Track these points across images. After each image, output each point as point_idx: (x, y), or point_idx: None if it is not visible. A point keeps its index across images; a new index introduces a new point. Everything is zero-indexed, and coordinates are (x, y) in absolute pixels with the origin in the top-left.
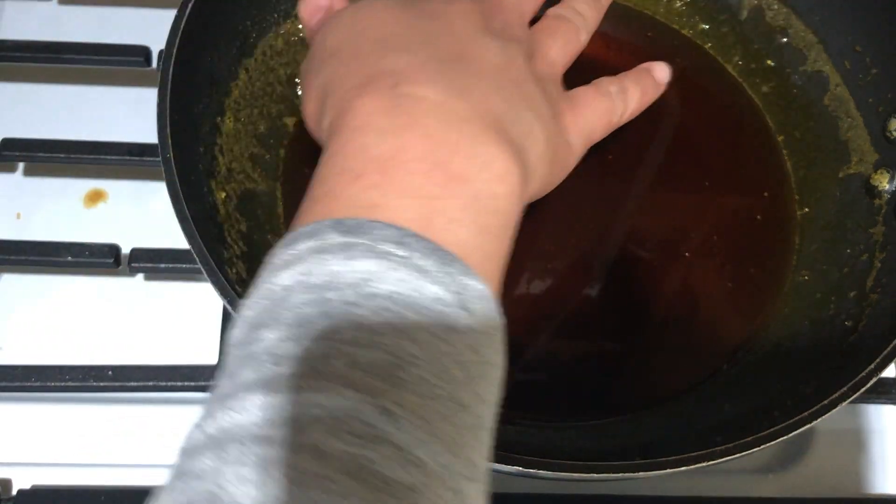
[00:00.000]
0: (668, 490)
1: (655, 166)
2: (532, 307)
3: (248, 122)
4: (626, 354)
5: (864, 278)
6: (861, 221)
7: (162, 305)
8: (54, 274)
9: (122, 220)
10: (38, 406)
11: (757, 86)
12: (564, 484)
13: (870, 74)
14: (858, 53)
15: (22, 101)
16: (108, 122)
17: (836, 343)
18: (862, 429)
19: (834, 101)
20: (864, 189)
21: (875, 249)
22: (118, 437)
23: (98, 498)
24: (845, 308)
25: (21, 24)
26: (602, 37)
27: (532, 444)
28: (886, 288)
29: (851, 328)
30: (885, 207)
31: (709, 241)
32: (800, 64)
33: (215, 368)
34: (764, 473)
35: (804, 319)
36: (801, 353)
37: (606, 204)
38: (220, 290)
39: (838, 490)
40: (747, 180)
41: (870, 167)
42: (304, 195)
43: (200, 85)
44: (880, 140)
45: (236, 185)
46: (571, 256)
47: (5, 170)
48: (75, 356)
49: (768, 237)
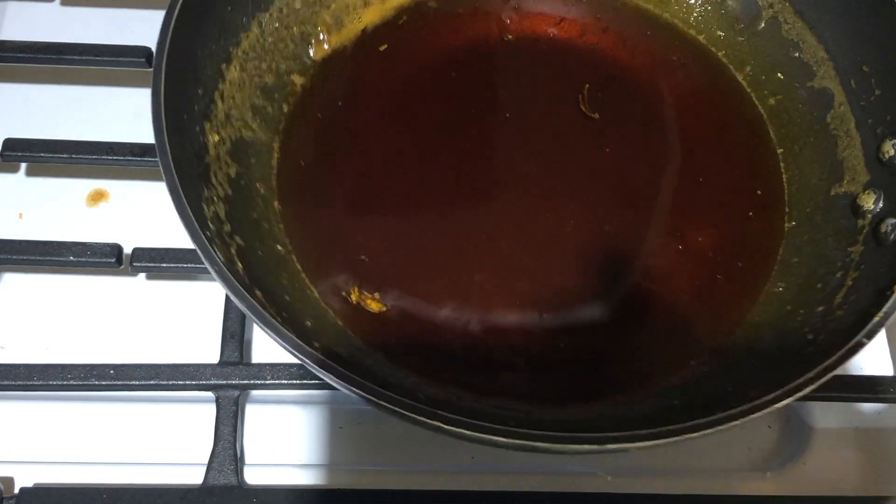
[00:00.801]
0: (668, 490)
1: (653, 164)
2: (514, 294)
3: (254, 74)
4: (590, 345)
5: (835, 295)
6: (843, 240)
7: (164, 305)
8: (57, 274)
9: (124, 219)
10: (41, 405)
11: (764, 97)
12: (564, 483)
13: (873, 95)
14: (865, 74)
15: (24, 101)
16: (110, 122)
17: (794, 353)
18: (861, 428)
19: (836, 119)
20: (850, 208)
21: (850, 268)
22: (120, 436)
23: (100, 496)
24: (811, 321)
25: (23, 25)
26: (618, 38)
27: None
28: (853, 305)
29: (811, 340)
30: (867, 228)
31: (691, 244)
32: (808, 80)
33: (217, 367)
34: (762, 472)
35: (771, 329)
36: (760, 360)
37: (602, 197)
38: (182, 217)
39: (837, 489)
40: (741, 190)
41: (860, 187)
42: (303, 151)
43: (209, 30)
44: (873, 161)
45: (232, 132)
46: (561, 242)
47: (8, 170)
48: (77, 355)
49: (753, 249)
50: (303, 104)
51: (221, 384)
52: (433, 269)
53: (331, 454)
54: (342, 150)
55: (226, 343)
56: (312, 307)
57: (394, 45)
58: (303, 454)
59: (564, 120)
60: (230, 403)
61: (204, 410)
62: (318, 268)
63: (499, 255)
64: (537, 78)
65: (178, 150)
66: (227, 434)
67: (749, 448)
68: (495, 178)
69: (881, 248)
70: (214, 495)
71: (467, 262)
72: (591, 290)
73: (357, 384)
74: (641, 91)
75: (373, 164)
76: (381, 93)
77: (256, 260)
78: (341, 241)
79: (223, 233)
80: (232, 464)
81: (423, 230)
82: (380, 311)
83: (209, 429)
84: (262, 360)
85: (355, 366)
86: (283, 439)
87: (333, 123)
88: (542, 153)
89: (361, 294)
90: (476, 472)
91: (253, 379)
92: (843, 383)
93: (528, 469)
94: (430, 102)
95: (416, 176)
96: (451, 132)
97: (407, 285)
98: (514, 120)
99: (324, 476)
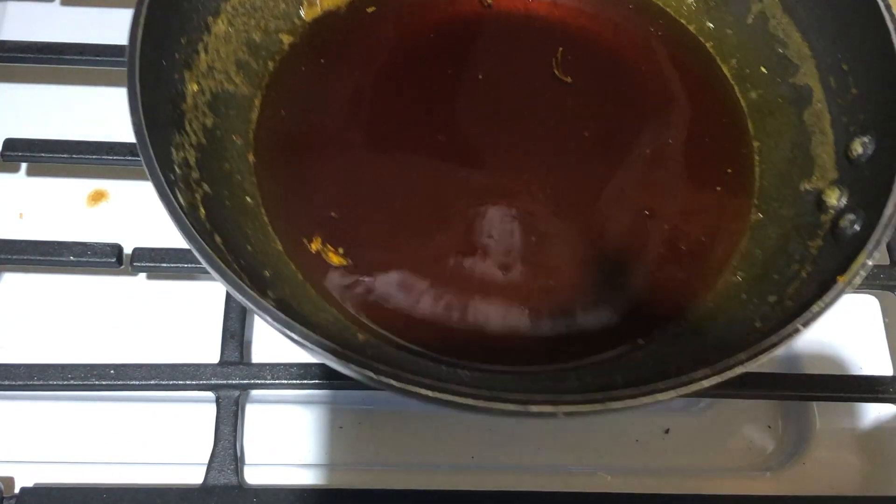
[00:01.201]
0: (668, 490)
1: (629, 147)
2: (481, 262)
3: (242, 30)
4: (547, 311)
5: (788, 286)
6: (805, 234)
7: (164, 305)
8: (57, 273)
9: (124, 219)
10: (41, 404)
11: (747, 91)
12: (564, 483)
13: (850, 94)
14: (844, 72)
15: (24, 101)
16: (110, 122)
17: (740, 340)
18: (861, 428)
19: (813, 116)
20: (815, 203)
21: (807, 262)
22: (120, 436)
23: (100, 496)
24: (761, 310)
25: (23, 25)
26: (610, 23)
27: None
28: (802, 296)
29: (759, 329)
30: (829, 224)
31: (659, 223)
32: (790, 75)
33: (217, 367)
34: (762, 472)
35: (723, 315)
36: (707, 343)
37: (569, 162)
38: (144, 157)
39: (837, 489)
40: (712, 178)
41: (827, 184)
42: (284, 108)
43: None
44: (842, 159)
45: (213, 83)
46: (528, 207)
47: (8, 170)
48: (78, 355)
49: (717, 238)
50: (288, 62)
51: (221, 384)
52: (402, 231)
53: (331, 454)
54: (323, 108)
55: (226, 343)
56: (274, 259)
57: (381, 8)
58: (303, 454)
59: (539, 87)
60: (230, 403)
61: (204, 410)
62: (287, 222)
63: (467, 218)
64: (516, 45)
65: (152, 94)
66: (228, 434)
67: (749, 448)
68: (469, 140)
69: (837, 243)
70: (214, 495)
71: (436, 223)
72: (554, 255)
73: (287, 324)
74: (626, 73)
75: (351, 125)
76: (365, 54)
77: (223, 209)
78: (312, 197)
79: (190, 178)
80: (232, 463)
81: (396, 191)
82: (340, 265)
83: (209, 429)
84: (263, 360)
85: (305, 318)
86: (283, 439)
87: (317, 82)
88: (517, 117)
89: (325, 246)
90: (476, 471)
91: (253, 379)
92: (843, 383)
93: (528, 469)
94: (412, 65)
95: (394, 137)
96: (429, 94)
97: (373, 245)
98: (490, 83)
99: (324, 476)
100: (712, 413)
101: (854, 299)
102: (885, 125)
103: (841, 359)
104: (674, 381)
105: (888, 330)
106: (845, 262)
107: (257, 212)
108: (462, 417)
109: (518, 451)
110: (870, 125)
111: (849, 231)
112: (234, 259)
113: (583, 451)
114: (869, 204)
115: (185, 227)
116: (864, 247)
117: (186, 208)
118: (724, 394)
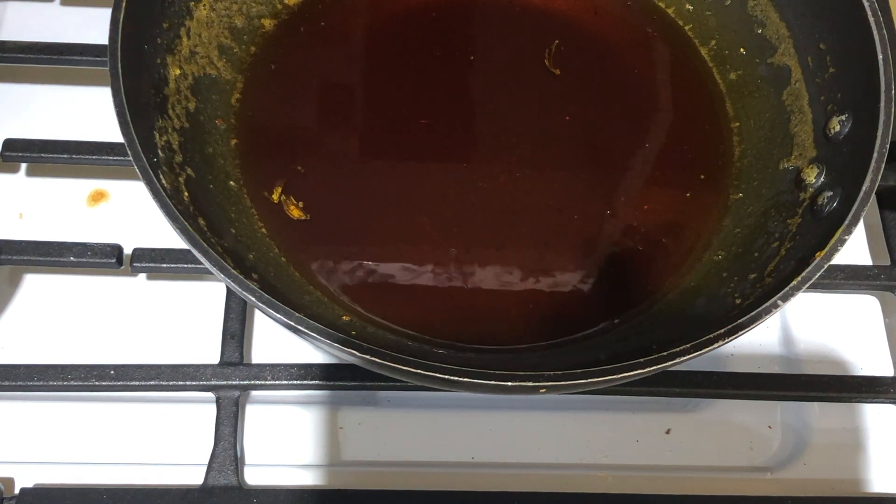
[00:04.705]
0: (668, 490)
1: (606, 131)
2: (450, 237)
3: (224, 15)
4: (521, 292)
5: (767, 264)
6: (784, 212)
7: (164, 305)
8: (57, 274)
9: (124, 220)
10: (41, 405)
11: (726, 72)
12: (564, 483)
13: (827, 73)
14: (821, 51)
15: (24, 101)
16: (111, 122)
17: (720, 318)
18: (861, 429)
19: (791, 95)
20: (794, 182)
21: (786, 239)
22: (120, 436)
23: (100, 496)
24: (741, 288)
25: (23, 26)
26: (589, 8)
27: None
28: (781, 272)
29: (738, 305)
30: (808, 201)
31: (639, 203)
32: (769, 56)
33: (217, 368)
34: (762, 472)
35: (703, 294)
36: (689, 321)
37: (551, 149)
38: (126, 139)
39: (837, 490)
40: (692, 159)
41: (806, 162)
42: (267, 92)
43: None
44: (820, 137)
45: (196, 68)
46: (508, 187)
47: (8, 170)
48: (78, 356)
49: (697, 216)
50: (270, 47)
51: (221, 384)
52: (383, 212)
53: (331, 454)
54: (306, 92)
55: (226, 343)
56: (258, 242)
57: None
58: (303, 454)
59: (527, 74)
60: (230, 404)
61: (204, 411)
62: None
63: (441, 196)
64: (505, 33)
65: (134, 78)
66: (228, 434)
67: (749, 448)
68: (449, 121)
69: (816, 220)
70: (214, 496)
71: (410, 202)
72: (531, 234)
73: (271, 304)
74: (607, 57)
75: (334, 110)
76: (348, 38)
77: (206, 192)
78: (293, 174)
79: (173, 162)
80: (232, 464)
81: (377, 174)
82: (299, 218)
83: (209, 429)
84: (262, 360)
85: (290, 299)
86: (283, 439)
87: (299, 66)
88: (501, 102)
89: (297, 208)
90: (476, 471)
91: (253, 379)
92: (843, 383)
93: (528, 469)
94: (396, 48)
95: (376, 121)
96: (414, 78)
97: (355, 224)
98: (478, 68)
99: (324, 476)
100: (713, 413)
101: (854, 299)
102: (861, 103)
103: (841, 359)
104: (655, 357)
105: (888, 330)
106: (824, 238)
107: (241, 196)
108: (462, 417)
109: (518, 451)
110: (847, 103)
111: (827, 208)
112: (217, 242)
113: (583, 451)
114: (847, 180)
115: (167, 208)
116: (841, 222)
117: (170, 191)
118: (724, 394)
